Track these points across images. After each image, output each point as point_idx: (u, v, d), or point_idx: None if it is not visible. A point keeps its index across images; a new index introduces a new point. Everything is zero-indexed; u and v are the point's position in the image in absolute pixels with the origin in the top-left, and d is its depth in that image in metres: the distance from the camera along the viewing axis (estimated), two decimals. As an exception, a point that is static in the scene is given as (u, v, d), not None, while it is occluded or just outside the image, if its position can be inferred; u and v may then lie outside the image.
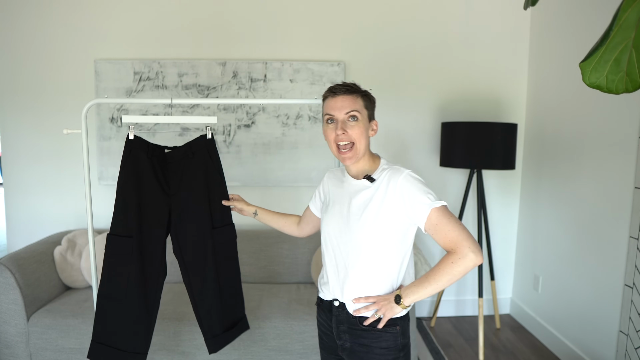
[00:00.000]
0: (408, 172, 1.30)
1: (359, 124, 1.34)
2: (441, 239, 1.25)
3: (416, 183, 1.27)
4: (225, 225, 1.88)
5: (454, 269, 1.22)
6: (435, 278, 1.24)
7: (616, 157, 2.29)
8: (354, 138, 1.33)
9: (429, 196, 1.25)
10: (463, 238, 1.22)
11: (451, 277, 1.23)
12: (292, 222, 1.75)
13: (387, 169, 1.34)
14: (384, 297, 1.32)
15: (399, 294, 1.30)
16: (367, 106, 1.37)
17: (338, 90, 1.35)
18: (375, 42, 3.07)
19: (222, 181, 1.87)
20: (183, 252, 1.83)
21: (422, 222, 1.25)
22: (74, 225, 3.09)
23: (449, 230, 1.23)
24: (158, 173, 1.80)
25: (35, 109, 3.00)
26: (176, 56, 3.01)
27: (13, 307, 2.31)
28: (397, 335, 1.34)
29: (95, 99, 1.82)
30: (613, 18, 0.95)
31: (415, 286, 1.28)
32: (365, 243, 1.31)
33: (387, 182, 1.30)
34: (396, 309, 1.30)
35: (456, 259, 1.22)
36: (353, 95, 1.35)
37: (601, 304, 2.39)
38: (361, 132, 1.34)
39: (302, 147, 3.06)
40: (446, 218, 1.24)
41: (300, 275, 2.89)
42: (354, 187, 1.38)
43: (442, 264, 1.24)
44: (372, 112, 1.40)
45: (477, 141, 2.67)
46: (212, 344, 1.90)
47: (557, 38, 2.80)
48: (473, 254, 1.21)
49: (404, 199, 1.26)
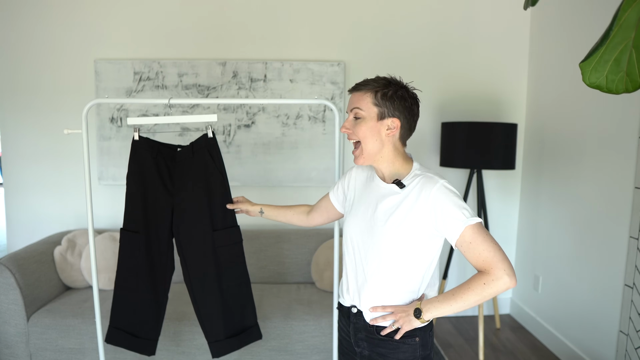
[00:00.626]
0: (443, 182, 1.21)
1: (361, 123, 1.26)
2: (473, 258, 1.17)
3: (451, 196, 1.18)
4: (227, 227, 1.84)
5: (485, 290, 1.14)
6: (462, 297, 1.17)
7: (616, 157, 2.29)
8: (359, 137, 1.27)
9: (464, 212, 1.16)
10: (498, 259, 1.14)
11: (480, 298, 1.15)
12: (301, 212, 1.69)
13: (420, 176, 1.24)
14: (403, 309, 1.26)
15: (419, 308, 1.23)
16: (378, 102, 1.25)
17: (352, 88, 1.30)
18: (375, 42, 3.07)
19: (224, 181, 1.83)
20: (184, 252, 1.84)
21: (454, 238, 1.18)
22: (74, 225, 3.09)
23: (483, 249, 1.15)
24: (163, 172, 1.82)
25: (36, 108, 3.00)
26: (176, 56, 3.01)
27: (13, 307, 2.31)
28: (417, 347, 1.28)
29: (96, 99, 1.82)
30: (613, 18, 0.95)
31: (439, 302, 1.21)
32: (387, 250, 1.25)
33: (419, 190, 1.21)
34: (414, 323, 1.24)
35: (489, 280, 1.14)
36: (362, 91, 1.27)
37: (601, 304, 2.39)
38: (365, 131, 1.26)
39: (302, 147, 3.06)
40: (481, 236, 1.16)
41: (300, 275, 2.89)
42: (382, 190, 1.30)
43: (473, 284, 1.16)
44: (386, 109, 1.25)
45: (477, 141, 2.67)
46: (215, 348, 1.88)
47: (557, 38, 2.80)
48: (508, 277, 1.13)
49: (436, 212, 1.18)
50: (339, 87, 3.03)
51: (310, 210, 1.67)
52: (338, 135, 1.88)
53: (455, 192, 1.20)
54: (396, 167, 1.30)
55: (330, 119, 3.04)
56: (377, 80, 1.27)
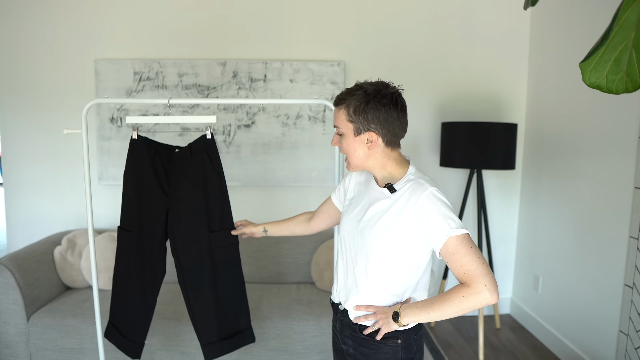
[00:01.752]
0: (432, 190, 1.19)
1: (342, 140, 1.29)
2: (456, 270, 1.15)
3: (438, 205, 1.17)
4: (224, 229, 1.83)
5: (463, 302, 1.13)
6: (441, 307, 1.16)
7: (616, 157, 2.29)
8: (343, 151, 1.31)
9: (449, 222, 1.15)
10: (480, 274, 1.12)
11: (458, 310, 1.14)
12: (302, 221, 1.69)
13: (412, 181, 1.23)
14: (384, 310, 1.27)
15: (397, 311, 1.23)
16: (354, 119, 1.23)
17: (334, 100, 1.31)
18: (375, 42, 3.07)
19: (222, 183, 1.82)
20: (179, 254, 1.82)
21: (437, 247, 1.17)
22: (74, 225, 3.09)
23: (465, 262, 1.13)
24: (160, 172, 1.80)
25: (35, 108, 3.00)
26: (176, 56, 3.01)
27: (13, 307, 2.31)
28: (398, 350, 1.28)
29: (96, 99, 1.82)
30: (613, 18, 0.95)
31: (418, 308, 1.21)
32: (373, 253, 1.25)
33: (408, 196, 1.21)
34: (392, 325, 1.24)
35: (468, 293, 1.12)
36: (338, 107, 1.28)
37: (601, 304, 2.39)
38: (346, 147, 1.28)
39: (302, 147, 3.06)
40: (465, 248, 1.14)
41: (300, 275, 2.89)
42: (375, 193, 1.31)
43: (452, 295, 1.15)
44: (360, 125, 1.24)
45: (477, 141, 2.67)
46: (208, 350, 1.87)
47: (557, 38, 2.80)
48: (488, 292, 1.11)
49: (422, 220, 1.18)
50: (339, 87, 3.02)
51: (312, 216, 1.67)
52: (338, 135, 1.88)
53: (444, 201, 1.19)
54: (388, 171, 1.29)
55: (330, 119, 3.04)
56: (353, 92, 1.24)
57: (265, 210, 3.13)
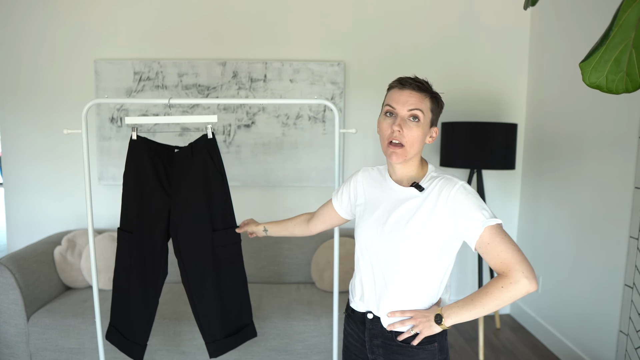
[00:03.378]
0: (462, 183, 1.19)
1: (418, 126, 1.21)
2: (492, 260, 1.13)
3: (470, 197, 1.16)
4: (227, 228, 1.83)
5: (503, 294, 1.11)
6: (481, 302, 1.14)
7: (616, 157, 2.29)
8: (407, 140, 1.21)
9: (483, 212, 1.14)
10: (517, 261, 1.10)
11: (499, 302, 1.12)
12: (301, 222, 1.66)
13: (438, 178, 1.22)
14: (423, 314, 1.23)
15: (440, 314, 1.20)
16: (433, 109, 1.25)
17: (408, 83, 1.23)
18: (375, 42, 3.07)
19: (224, 182, 1.82)
20: (182, 253, 1.82)
21: (473, 240, 1.15)
22: (74, 225, 3.09)
23: (501, 250, 1.12)
24: (160, 173, 1.80)
25: (36, 108, 3.00)
26: (176, 56, 3.01)
27: (13, 307, 2.31)
28: (435, 353, 1.25)
29: (95, 99, 1.82)
30: (613, 18, 0.95)
31: (459, 307, 1.18)
32: (407, 255, 1.22)
33: (437, 192, 1.19)
34: (435, 328, 1.21)
35: (507, 283, 1.10)
36: (422, 93, 1.23)
37: (601, 304, 2.39)
38: (418, 135, 1.22)
39: (302, 147, 3.06)
40: (500, 237, 1.13)
41: (300, 275, 2.89)
42: (399, 194, 1.27)
43: (491, 288, 1.13)
44: (436, 117, 1.26)
45: (477, 141, 2.67)
46: (213, 348, 1.88)
47: (557, 38, 2.80)
48: (527, 279, 1.09)
49: (455, 214, 1.16)
50: (339, 87, 3.03)
51: (311, 217, 1.64)
52: (338, 135, 1.88)
53: (474, 193, 1.19)
54: (415, 169, 1.28)
55: (330, 119, 3.04)
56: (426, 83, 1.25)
57: (265, 210, 3.13)
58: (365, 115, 3.10)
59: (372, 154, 3.14)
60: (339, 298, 2.59)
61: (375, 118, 3.11)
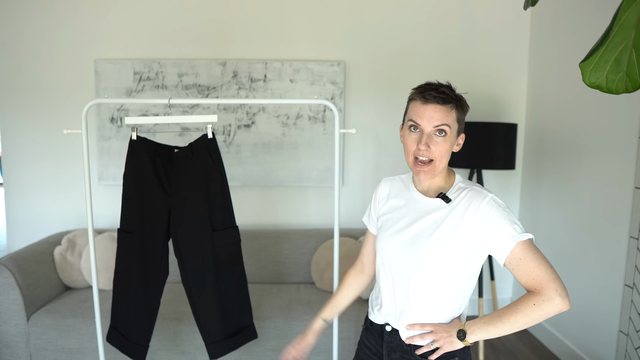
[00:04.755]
0: (492, 196, 1.14)
1: (445, 140, 1.16)
2: (523, 276, 1.08)
3: (500, 210, 1.11)
4: (227, 228, 1.83)
5: (535, 312, 1.05)
6: (510, 319, 1.08)
7: (616, 157, 2.29)
8: (435, 156, 1.16)
9: (514, 227, 1.09)
10: (550, 278, 1.05)
11: (530, 320, 1.07)
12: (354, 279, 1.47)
13: (466, 189, 1.18)
14: (444, 328, 1.18)
15: (463, 329, 1.15)
16: (460, 119, 1.18)
17: (431, 96, 1.14)
18: (375, 42, 3.07)
19: (224, 182, 1.83)
20: (182, 254, 1.82)
21: (503, 255, 1.09)
22: (74, 225, 3.09)
23: (533, 267, 1.07)
24: (160, 173, 1.80)
25: (35, 108, 3.00)
26: (176, 56, 3.01)
27: (13, 307, 2.31)
28: None
29: (95, 99, 1.82)
30: (613, 18, 0.95)
31: (485, 324, 1.12)
32: (431, 267, 1.17)
33: (466, 204, 1.14)
34: (457, 344, 1.16)
35: (539, 301, 1.05)
36: (447, 105, 1.15)
37: (601, 304, 2.39)
38: (446, 149, 1.16)
39: (302, 147, 3.06)
40: (532, 253, 1.07)
41: (300, 275, 2.89)
42: (424, 205, 1.22)
43: (522, 305, 1.07)
44: (462, 125, 1.20)
45: (477, 141, 2.67)
46: (213, 349, 1.87)
47: (557, 38, 2.80)
48: (560, 298, 1.04)
49: (485, 228, 1.11)
50: (339, 87, 3.02)
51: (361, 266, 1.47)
52: (338, 135, 1.88)
53: (505, 207, 1.13)
54: (442, 180, 1.23)
55: (330, 119, 3.04)
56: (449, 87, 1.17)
57: (265, 210, 3.13)
58: (365, 115, 3.10)
59: (372, 154, 3.14)
60: (339, 298, 2.60)
61: (375, 118, 3.12)
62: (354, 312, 2.40)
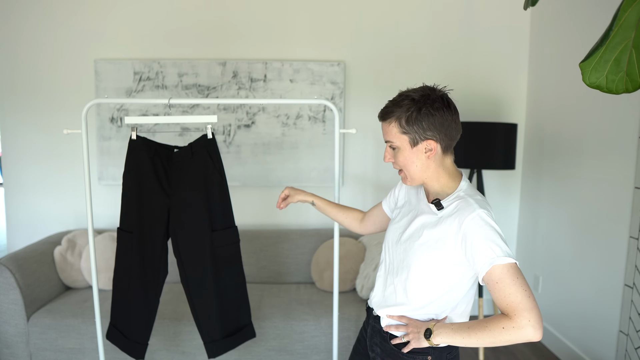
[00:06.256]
0: (480, 212, 1.11)
1: (399, 152, 1.21)
2: (498, 299, 1.06)
3: (485, 229, 1.09)
4: (226, 228, 1.84)
5: (502, 335, 1.05)
6: (477, 334, 1.08)
7: (616, 157, 2.29)
8: (400, 166, 1.23)
9: (494, 249, 1.07)
10: (525, 307, 1.03)
11: (495, 341, 1.06)
12: (354, 218, 1.61)
13: (460, 200, 1.17)
14: (417, 324, 1.22)
15: (430, 329, 1.17)
16: (406, 130, 1.18)
17: (380, 115, 1.23)
18: (375, 42, 3.07)
19: (223, 182, 1.83)
20: (181, 253, 1.83)
21: (480, 274, 1.09)
22: (74, 225, 3.09)
23: (509, 293, 1.05)
24: (160, 173, 1.81)
25: (35, 108, 3.00)
26: (176, 56, 3.01)
27: (13, 307, 2.31)
28: None
29: (95, 99, 1.82)
30: (613, 18, 0.95)
31: (452, 329, 1.14)
32: (416, 268, 1.20)
33: (454, 215, 1.15)
34: (423, 342, 1.18)
35: (509, 326, 1.04)
36: (386, 122, 1.21)
37: (601, 304, 2.39)
38: (404, 159, 1.21)
39: (302, 147, 3.06)
40: (510, 278, 1.05)
41: (300, 275, 2.89)
42: (422, 206, 1.26)
43: (491, 324, 1.06)
44: (416, 135, 1.18)
45: (477, 141, 2.67)
46: (211, 349, 1.88)
47: (557, 38, 2.80)
48: (532, 329, 1.02)
49: (466, 243, 1.11)
50: (339, 87, 3.02)
51: (363, 217, 1.59)
52: (338, 135, 1.88)
53: (492, 225, 1.10)
54: (442, 183, 1.24)
55: (330, 119, 3.04)
56: (400, 102, 1.18)
57: (265, 210, 3.13)
58: (365, 115, 3.10)
59: (372, 154, 3.14)
60: (339, 298, 2.60)
61: (375, 118, 3.12)
62: (354, 312, 2.40)
